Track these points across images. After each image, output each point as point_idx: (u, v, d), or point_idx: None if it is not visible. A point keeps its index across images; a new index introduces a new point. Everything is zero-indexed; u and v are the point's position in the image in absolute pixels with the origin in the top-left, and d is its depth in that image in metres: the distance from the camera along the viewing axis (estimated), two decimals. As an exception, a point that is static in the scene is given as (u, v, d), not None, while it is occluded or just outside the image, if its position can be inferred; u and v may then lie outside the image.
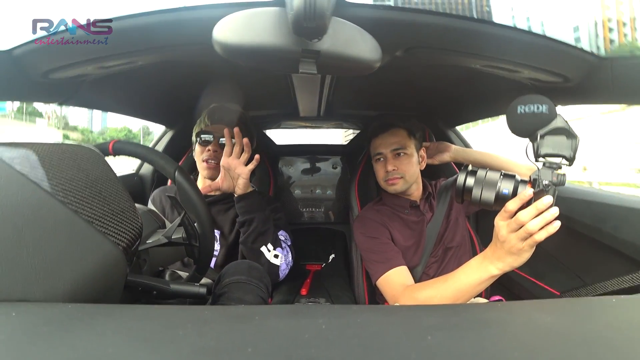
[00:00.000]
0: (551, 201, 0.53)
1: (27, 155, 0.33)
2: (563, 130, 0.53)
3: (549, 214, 0.53)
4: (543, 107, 0.54)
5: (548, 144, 0.54)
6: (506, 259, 0.58)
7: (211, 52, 0.50)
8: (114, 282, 0.37)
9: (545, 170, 0.55)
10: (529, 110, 0.54)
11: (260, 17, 0.46)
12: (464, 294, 0.64)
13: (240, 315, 0.27)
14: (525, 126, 0.55)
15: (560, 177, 0.54)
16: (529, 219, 0.53)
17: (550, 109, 0.53)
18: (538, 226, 0.53)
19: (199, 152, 0.95)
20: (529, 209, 0.54)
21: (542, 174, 0.55)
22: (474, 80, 0.85)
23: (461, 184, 0.64)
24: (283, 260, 0.88)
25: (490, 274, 0.60)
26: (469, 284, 0.63)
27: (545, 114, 0.54)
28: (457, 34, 0.56)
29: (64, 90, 0.75)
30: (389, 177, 0.90)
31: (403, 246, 0.90)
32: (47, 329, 0.22)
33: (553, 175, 0.54)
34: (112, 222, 0.36)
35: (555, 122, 0.53)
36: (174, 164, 0.61)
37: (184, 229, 0.60)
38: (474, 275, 0.62)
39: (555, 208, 0.53)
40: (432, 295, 0.68)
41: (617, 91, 0.62)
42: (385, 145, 0.92)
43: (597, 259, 0.82)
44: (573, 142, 0.53)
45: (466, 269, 0.64)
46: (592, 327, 0.25)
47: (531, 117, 0.54)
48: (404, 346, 0.21)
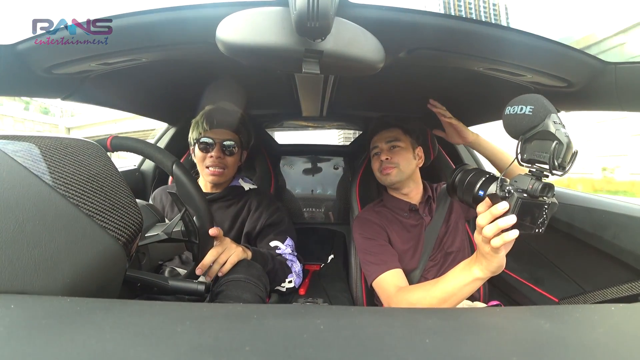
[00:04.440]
0: (505, 208, 0.50)
1: (29, 149, 0.34)
2: (549, 134, 0.48)
3: (503, 221, 0.50)
4: (527, 108, 0.50)
5: (531, 148, 0.50)
6: (482, 261, 0.58)
7: (214, 51, 0.51)
8: (113, 276, 0.37)
9: (524, 177, 0.51)
10: (514, 111, 0.51)
11: (263, 17, 0.47)
12: (451, 296, 0.63)
13: (239, 314, 0.27)
14: (514, 128, 0.52)
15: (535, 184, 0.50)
16: (484, 224, 0.52)
17: (535, 110, 0.49)
18: (491, 232, 0.51)
19: (200, 158, 0.94)
20: (485, 214, 0.53)
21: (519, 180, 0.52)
22: (477, 83, 0.85)
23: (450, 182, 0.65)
24: (295, 277, 0.91)
25: (474, 276, 0.60)
26: (455, 285, 0.63)
27: (528, 115, 0.49)
28: (461, 35, 0.55)
29: (67, 85, 0.75)
30: (382, 166, 0.92)
31: (400, 249, 0.90)
32: (46, 322, 0.22)
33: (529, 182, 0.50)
34: (113, 217, 0.36)
35: (541, 125, 0.49)
36: (172, 158, 0.61)
37: (184, 225, 0.60)
38: (460, 277, 0.62)
39: (511, 217, 0.50)
40: (421, 297, 0.68)
41: (621, 97, 0.61)
42: (381, 139, 0.96)
43: (596, 267, 0.82)
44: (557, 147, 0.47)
45: (454, 271, 0.64)
46: (590, 334, 0.25)
47: (516, 119, 0.51)
48: (402, 348, 0.21)
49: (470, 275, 0.60)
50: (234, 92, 1.03)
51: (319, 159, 1.77)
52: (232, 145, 0.94)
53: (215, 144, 0.93)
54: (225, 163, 0.94)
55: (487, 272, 0.58)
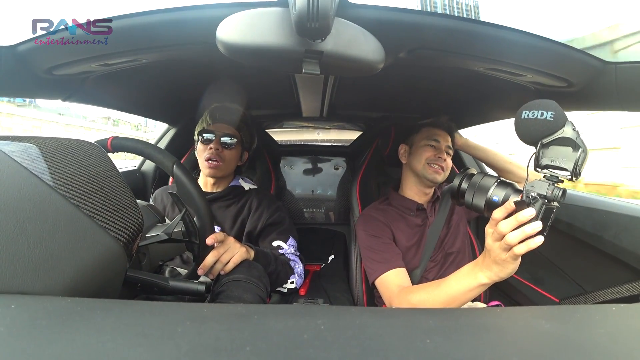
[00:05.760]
0: (532, 214, 0.49)
1: (29, 149, 0.34)
2: (569, 141, 0.49)
3: (529, 228, 0.49)
4: (547, 114, 0.49)
5: (550, 154, 0.50)
6: (493, 268, 0.56)
7: (215, 52, 0.51)
8: (113, 277, 0.37)
9: (541, 182, 0.51)
10: (532, 116, 0.51)
11: (263, 17, 0.47)
12: (455, 299, 0.63)
13: (239, 314, 0.27)
14: (529, 133, 0.52)
15: (555, 191, 0.50)
16: (508, 230, 0.51)
17: (556, 116, 0.49)
18: (517, 239, 0.50)
19: (201, 151, 0.96)
20: (509, 220, 0.51)
21: (536, 186, 0.51)
22: (477, 84, 0.85)
23: (455, 186, 0.64)
24: (297, 278, 0.92)
25: (479, 282, 0.59)
26: (459, 290, 0.62)
27: (549, 121, 0.49)
28: (461, 35, 0.55)
29: (67, 86, 0.75)
30: (437, 162, 0.91)
31: (404, 247, 0.90)
32: (46, 322, 0.22)
33: (549, 188, 0.50)
34: (114, 218, 0.36)
35: (561, 131, 0.49)
36: (172, 158, 0.61)
37: (184, 225, 0.60)
38: (464, 282, 0.61)
39: (537, 223, 0.49)
40: (424, 299, 0.68)
41: (621, 97, 0.61)
42: (445, 139, 0.95)
43: (597, 267, 0.82)
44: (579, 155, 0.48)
45: (458, 275, 0.63)
46: (591, 335, 0.25)
47: (534, 124, 0.50)
48: (403, 349, 0.21)
49: (475, 280, 0.59)
50: (234, 92, 1.03)
51: (319, 159, 1.77)
52: (231, 139, 0.96)
53: (216, 136, 0.95)
54: (223, 156, 0.95)
55: (495, 279, 0.57)
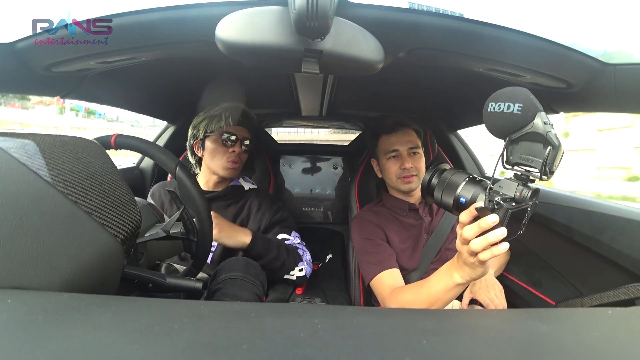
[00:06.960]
0: (495, 221, 0.45)
1: (27, 145, 0.34)
2: (539, 136, 0.43)
3: (492, 235, 0.46)
4: (515, 106, 0.43)
5: (520, 150, 0.45)
6: (465, 268, 0.55)
7: (214, 50, 0.51)
8: (111, 273, 0.37)
9: (510, 182, 0.47)
10: (499, 109, 0.44)
11: (263, 16, 0.47)
12: (436, 300, 0.62)
13: (236, 312, 0.27)
14: (497, 128, 0.46)
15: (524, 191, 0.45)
16: (472, 237, 0.48)
17: (525, 109, 0.43)
18: (480, 246, 0.48)
19: (221, 152, 0.94)
20: (472, 226, 0.48)
21: (504, 186, 0.46)
22: (477, 84, 0.85)
23: (425, 182, 0.57)
24: (307, 266, 0.93)
25: (455, 281, 0.57)
26: (438, 290, 0.61)
27: (516, 114, 0.43)
28: (460, 35, 0.55)
29: (66, 83, 0.75)
30: (405, 174, 0.90)
31: (399, 248, 0.90)
32: (43, 318, 0.22)
33: (517, 189, 0.45)
34: (112, 214, 0.36)
35: (530, 125, 0.43)
36: (176, 160, 0.62)
37: (182, 223, 0.60)
38: (441, 282, 0.61)
39: (501, 229, 0.45)
40: (410, 299, 0.68)
41: (620, 98, 0.61)
42: (402, 143, 0.91)
43: (594, 270, 0.82)
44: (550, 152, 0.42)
45: (437, 275, 0.63)
46: (587, 338, 0.25)
47: (501, 118, 0.44)
48: (399, 349, 0.21)
49: (451, 280, 0.58)
50: (233, 91, 1.03)
51: (318, 159, 1.77)
52: (249, 142, 0.98)
53: (238, 139, 0.96)
54: (242, 159, 0.97)
55: (469, 279, 0.56)
